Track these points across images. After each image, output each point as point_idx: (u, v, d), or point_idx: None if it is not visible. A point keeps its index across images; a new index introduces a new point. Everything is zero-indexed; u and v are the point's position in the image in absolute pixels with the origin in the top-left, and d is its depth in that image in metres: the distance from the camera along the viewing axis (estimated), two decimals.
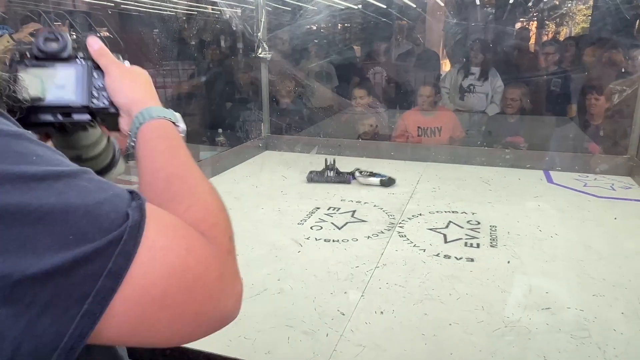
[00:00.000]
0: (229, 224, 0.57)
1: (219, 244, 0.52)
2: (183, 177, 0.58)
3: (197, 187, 0.58)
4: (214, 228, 0.53)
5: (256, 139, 3.29)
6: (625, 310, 1.32)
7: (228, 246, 0.54)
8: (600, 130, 3.10)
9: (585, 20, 4.29)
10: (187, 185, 0.57)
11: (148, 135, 0.63)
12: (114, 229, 0.43)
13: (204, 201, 0.56)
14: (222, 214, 0.57)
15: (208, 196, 0.58)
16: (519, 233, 1.85)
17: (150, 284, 0.44)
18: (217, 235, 0.53)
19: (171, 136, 0.64)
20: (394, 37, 4.30)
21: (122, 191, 0.48)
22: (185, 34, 3.71)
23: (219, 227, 0.54)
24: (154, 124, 0.64)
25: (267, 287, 1.45)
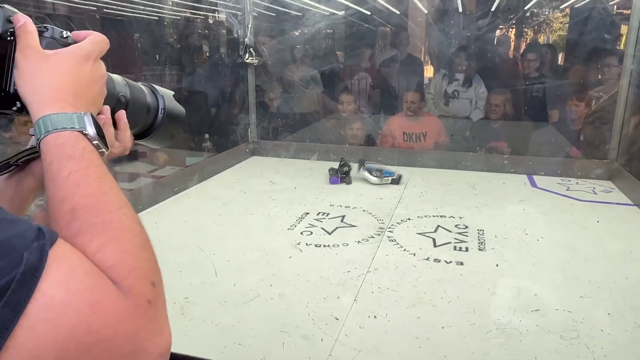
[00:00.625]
0: (152, 265, 0.49)
1: (136, 295, 0.45)
2: (94, 209, 0.49)
3: (111, 222, 0.49)
4: (130, 275, 0.45)
5: (243, 144, 3.28)
6: (612, 310, 1.36)
7: (149, 294, 0.46)
8: (580, 135, 3.18)
9: (562, 27, 4.39)
10: (99, 219, 0.48)
11: (49, 157, 0.51)
12: (2, 277, 0.36)
13: (119, 239, 0.48)
14: (143, 253, 0.49)
15: (126, 232, 0.49)
16: (505, 237, 1.88)
17: (41, 348, 0.37)
18: (135, 284, 0.45)
19: (78, 155, 0.52)
20: (378, 44, 4.34)
21: (28, 229, 0.41)
22: (170, 38, 3.68)
23: (137, 273, 0.46)
24: (55, 140, 0.52)
25: (260, 293, 1.44)
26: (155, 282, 0.48)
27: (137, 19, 3.39)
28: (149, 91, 0.77)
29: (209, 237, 1.88)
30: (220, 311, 1.35)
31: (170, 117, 0.79)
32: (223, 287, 1.48)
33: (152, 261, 0.50)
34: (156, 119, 0.77)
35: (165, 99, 0.79)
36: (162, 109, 0.78)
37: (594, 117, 3.08)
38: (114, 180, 0.54)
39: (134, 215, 0.52)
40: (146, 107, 0.75)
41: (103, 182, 0.52)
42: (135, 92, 0.73)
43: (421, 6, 4.14)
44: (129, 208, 0.52)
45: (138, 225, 0.52)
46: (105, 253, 0.46)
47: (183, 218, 2.11)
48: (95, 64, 0.60)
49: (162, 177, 2.48)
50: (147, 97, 0.76)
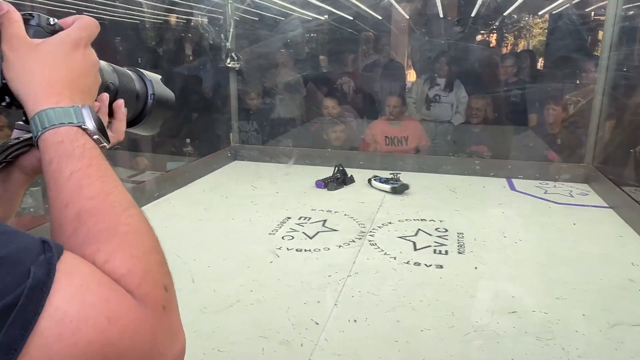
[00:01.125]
0: (163, 268, 0.48)
1: (151, 302, 0.43)
2: (99, 213, 0.46)
3: (118, 226, 0.46)
4: (143, 282, 0.44)
5: (225, 148, 3.27)
6: (586, 311, 1.39)
7: (163, 300, 0.45)
8: (557, 139, 3.24)
9: (541, 33, 4.48)
10: (106, 224, 0.46)
11: (48, 155, 0.48)
12: (9, 293, 0.34)
13: (129, 244, 0.46)
14: (154, 256, 0.47)
15: (134, 236, 0.47)
16: (485, 239, 1.90)
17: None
18: (149, 290, 0.44)
19: (79, 153, 0.49)
20: (360, 48, 4.37)
21: (32, 243, 0.39)
22: (151, 42, 3.66)
23: (150, 279, 0.44)
24: (54, 137, 0.49)
25: (241, 299, 1.44)
26: (167, 286, 0.46)
27: (118, 22, 3.36)
28: (137, 76, 0.74)
29: (189, 242, 1.87)
30: (200, 318, 1.34)
31: (160, 102, 0.76)
32: (203, 293, 1.47)
33: (162, 264, 0.48)
34: (146, 105, 0.75)
35: (154, 84, 0.76)
36: (151, 94, 0.75)
37: (570, 121, 3.14)
38: (117, 177, 0.51)
39: (141, 215, 0.50)
40: (135, 94, 0.72)
41: (106, 180, 0.49)
42: (124, 78, 0.70)
43: (403, 12, 4.18)
44: (135, 207, 0.50)
45: (146, 225, 0.49)
46: (115, 262, 0.44)
47: (163, 224, 2.09)
48: (87, 51, 0.57)
49: (142, 182, 2.46)
50: (135, 83, 0.73)
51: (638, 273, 1.63)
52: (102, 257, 0.43)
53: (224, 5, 3.17)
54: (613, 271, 1.64)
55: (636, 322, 1.33)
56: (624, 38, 2.67)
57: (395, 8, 4.05)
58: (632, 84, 2.78)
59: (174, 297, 0.47)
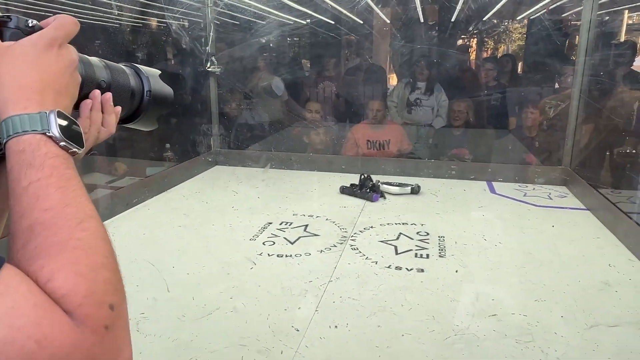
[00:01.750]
0: (111, 286, 0.45)
1: (91, 323, 0.42)
2: (52, 226, 0.45)
3: (69, 241, 0.45)
4: (85, 302, 0.42)
5: (206, 153, 3.23)
6: (565, 313, 1.40)
7: (106, 319, 0.43)
8: (535, 142, 3.29)
9: (521, 37, 4.55)
10: (57, 237, 0.44)
11: (9, 164, 0.47)
12: None
13: (75, 262, 0.44)
14: (101, 274, 0.45)
15: (83, 252, 0.45)
16: (465, 243, 1.91)
17: None
18: (90, 311, 0.42)
19: (39, 163, 0.47)
20: (342, 52, 4.38)
21: None
22: (132, 45, 3.61)
23: (93, 299, 0.43)
24: (16, 145, 0.47)
25: (220, 306, 1.42)
26: (114, 304, 0.44)
27: (97, 26, 3.31)
28: (133, 72, 0.73)
29: (168, 249, 1.84)
30: (178, 326, 1.32)
31: (157, 99, 0.75)
32: (181, 301, 1.45)
33: (111, 282, 0.46)
34: (142, 101, 0.73)
35: (151, 80, 0.74)
36: (147, 91, 0.74)
37: (548, 124, 3.19)
38: (81, 187, 0.49)
39: (98, 229, 0.48)
40: (130, 91, 0.71)
41: (66, 191, 0.47)
42: (117, 75, 0.69)
43: (384, 16, 4.20)
44: (93, 220, 0.48)
45: (100, 240, 0.47)
46: (57, 281, 0.42)
47: (142, 230, 2.05)
48: (62, 50, 0.55)
49: (121, 188, 2.41)
50: (130, 80, 0.72)
51: (615, 275, 1.65)
52: (45, 275, 0.42)
53: (204, 9, 3.14)
54: (591, 273, 1.66)
55: (613, 323, 1.34)
56: (599, 43, 2.72)
57: (376, 12, 4.07)
58: (607, 88, 2.84)
59: (123, 314, 0.46)
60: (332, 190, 2.66)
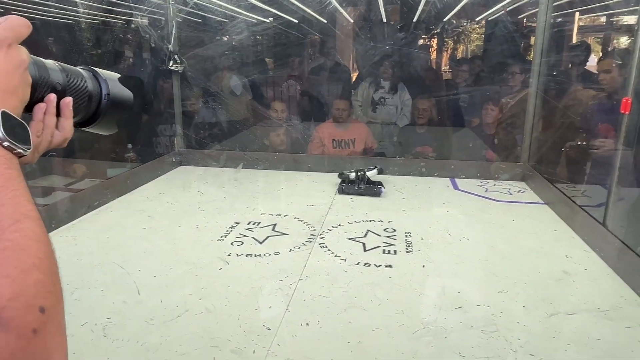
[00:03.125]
0: (43, 287, 0.44)
1: (16, 327, 0.41)
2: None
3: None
4: (10, 305, 0.41)
5: (169, 154, 3.17)
6: (526, 303, 1.46)
7: (35, 322, 0.42)
8: (494, 139, 3.40)
9: (479, 38, 4.69)
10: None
11: None
12: None
13: (2, 263, 0.43)
14: (32, 275, 0.44)
15: (13, 253, 0.44)
16: (431, 238, 1.96)
17: None
18: (15, 314, 0.41)
19: None
20: (306, 51, 4.39)
21: None
22: (88, 43, 3.50)
23: (20, 301, 0.42)
24: None
25: (189, 308, 1.40)
26: (45, 307, 0.43)
27: (50, 22, 3.19)
28: (90, 75, 0.72)
29: (133, 252, 1.80)
30: (146, 330, 1.29)
31: (116, 102, 0.74)
32: (148, 305, 1.42)
33: (44, 284, 0.44)
34: (100, 105, 0.73)
35: (109, 83, 0.74)
36: (105, 94, 0.73)
37: (506, 122, 3.31)
38: (23, 187, 0.49)
39: (34, 229, 0.47)
40: (87, 94, 0.70)
41: (3, 191, 0.46)
42: (74, 78, 0.68)
43: (347, 16, 4.24)
44: (28, 221, 0.47)
45: (34, 241, 0.46)
46: None
47: (104, 233, 2.00)
48: (11, 51, 0.54)
49: (81, 191, 2.34)
50: (87, 83, 0.71)
51: (572, 265, 1.73)
52: None
53: (166, 7, 3.08)
54: (549, 264, 1.74)
55: (572, 311, 1.41)
56: (553, 44, 2.84)
57: (340, 12, 4.10)
58: (563, 87, 2.96)
59: (55, 317, 0.45)
60: (299, 189, 2.67)
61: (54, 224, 2.02)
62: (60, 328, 0.45)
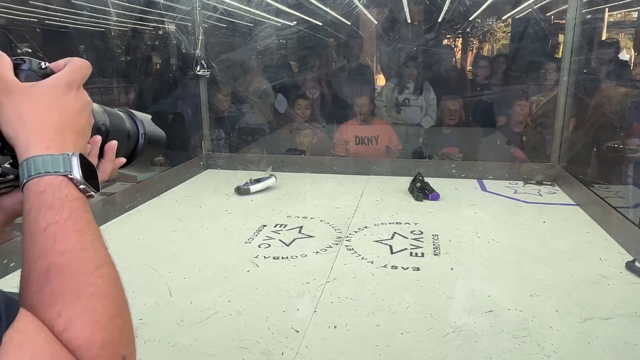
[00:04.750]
0: (125, 336, 0.46)
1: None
2: (68, 271, 0.44)
3: (85, 287, 0.44)
4: (101, 353, 0.42)
5: (197, 157, 3.22)
6: (559, 307, 1.42)
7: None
8: (523, 137, 3.34)
9: (505, 37, 4.60)
10: (73, 283, 0.44)
11: (28, 204, 0.47)
12: None
13: (91, 310, 0.44)
14: (116, 323, 0.45)
15: (99, 300, 0.45)
16: (459, 240, 1.93)
17: None
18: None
19: (59, 205, 0.47)
20: (330, 54, 4.40)
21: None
22: (118, 50, 3.59)
23: (108, 350, 0.43)
24: (37, 186, 0.47)
25: (218, 310, 1.42)
26: (126, 355, 0.45)
27: (81, 30, 3.28)
28: (127, 116, 0.75)
29: (163, 254, 1.83)
30: (177, 331, 1.31)
31: (151, 141, 0.76)
32: (179, 306, 1.45)
33: (125, 331, 0.46)
34: (137, 144, 0.74)
35: (145, 123, 0.76)
36: (142, 134, 0.75)
37: (536, 122, 3.24)
38: (98, 231, 0.50)
39: (113, 276, 0.48)
40: (126, 134, 0.72)
41: (84, 235, 0.47)
42: (114, 119, 0.70)
43: (371, 17, 4.23)
44: (108, 266, 0.48)
45: (114, 288, 0.47)
46: (73, 331, 0.42)
47: (135, 236, 2.04)
48: (79, 93, 0.56)
49: (112, 194, 2.40)
50: (126, 123, 0.73)
51: (606, 268, 1.68)
52: (62, 323, 0.42)
53: (193, 13, 3.14)
54: (582, 267, 1.69)
55: (607, 316, 1.37)
56: (584, 41, 2.77)
57: (364, 14, 4.10)
58: (594, 84, 2.89)
59: (133, 357, 0.46)
60: (325, 191, 2.67)
61: None
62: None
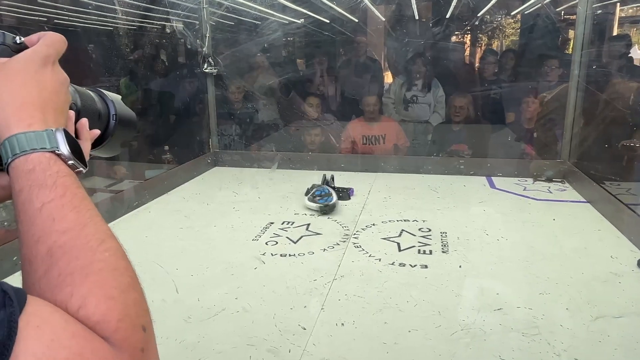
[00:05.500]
0: (141, 307, 0.45)
1: (128, 347, 0.41)
2: (73, 249, 0.43)
3: (92, 263, 0.43)
4: (120, 326, 0.41)
5: (204, 155, 3.23)
6: (569, 305, 1.40)
7: (141, 342, 0.43)
8: (533, 132, 3.30)
9: (514, 33, 4.56)
10: (80, 261, 0.43)
11: (18, 185, 0.45)
12: None
13: (103, 285, 0.42)
14: (131, 295, 0.44)
15: (110, 273, 0.44)
16: (467, 238, 1.92)
17: None
18: (126, 335, 0.41)
19: (51, 182, 0.45)
20: (337, 50, 4.38)
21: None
22: (126, 48, 3.60)
23: (127, 321, 0.42)
24: (24, 165, 0.45)
25: (225, 307, 1.41)
26: (145, 326, 0.44)
27: (90, 29, 3.30)
28: (97, 96, 0.72)
29: (170, 251, 1.84)
30: (184, 328, 1.31)
31: (122, 122, 0.74)
32: (186, 303, 1.45)
33: (140, 302, 0.45)
34: (108, 126, 0.72)
35: (115, 104, 0.73)
36: (113, 114, 0.72)
37: (545, 119, 3.20)
38: (93, 205, 0.48)
39: (118, 248, 0.47)
40: (97, 114, 0.69)
41: (81, 211, 0.46)
42: (85, 98, 0.68)
43: (378, 14, 4.20)
44: (112, 239, 0.47)
45: (123, 260, 0.46)
46: (89, 308, 0.41)
47: (143, 233, 2.05)
48: (55, 68, 0.53)
49: (120, 192, 2.41)
50: (97, 104, 0.70)
51: (618, 266, 1.66)
52: (76, 303, 0.41)
53: (199, 10, 3.14)
54: (593, 265, 1.67)
55: (619, 314, 1.35)
56: (594, 36, 2.73)
57: (371, 10, 4.08)
58: (605, 80, 2.84)
59: (153, 335, 0.45)
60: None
61: None
62: (155, 344, 0.46)
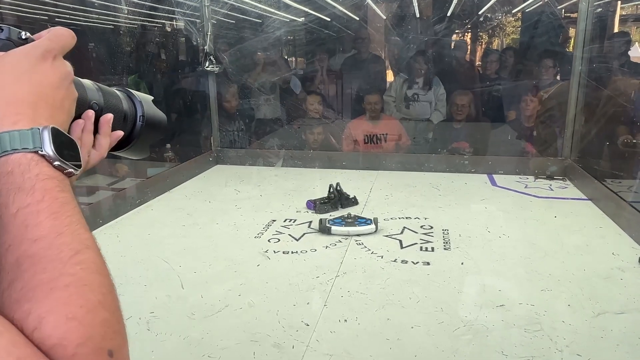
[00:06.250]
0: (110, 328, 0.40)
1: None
2: (41, 260, 0.39)
3: (60, 277, 0.39)
4: (79, 352, 0.37)
5: (206, 153, 3.23)
6: (571, 302, 1.41)
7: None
8: (533, 131, 3.31)
9: (515, 31, 4.56)
10: (46, 274, 0.39)
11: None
12: None
13: (67, 302, 0.38)
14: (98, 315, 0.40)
15: (76, 290, 0.39)
16: (469, 235, 1.92)
17: None
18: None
19: (29, 186, 0.42)
20: (338, 48, 4.38)
21: None
22: (127, 47, 3.60)
23: (88, 346, 0.38)
24: (4, 166, 0.42)
25: (229, 303, 1.42)
26: (114, 349, 0.39)
27: (91, 28, 3.30)
28: (125, 97, 0.70)
29: (173, 249, 1.84)
30: (188, 324, 1.32)
31: (150, 124, 0.72)
32: (190, 300, 1.45)
33: (110, 323, 0.40)
34: (134, 127, 0.70)
35: (144, 105, 0.72)
36: (140, 115, 0.71)
37: (545, 116, 3.20)
38: (78, 212, 0.45)
39: (95, 261, 0.43)
40: (122, 115, 0.68)
41: (59, 217, 0.42)
42: (110, 98, 0.66)
43: (379, 12, 4.21)
44: (89, 251, 0.43)
45: (97, 274, 0.42)
46: (45, 329, 0.36)
47: (146, 231, 2.06)
48: (57, 62, 0.50)
49: (123, 190, 2.41)
50: (123, 104, 0.69)
51: (619, 262, 1.67)
52: (32, 322, 0.37)
53: (202, 9, 3.14)
54: (595, 261, 1.68)
55: (620, 311, 1.36)
56: (595, 34, 2.73)
57: (372, 8, 4.08)
58: (605, 77, 2.85)
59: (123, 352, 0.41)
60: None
61: (101, 220, 2.10)
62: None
